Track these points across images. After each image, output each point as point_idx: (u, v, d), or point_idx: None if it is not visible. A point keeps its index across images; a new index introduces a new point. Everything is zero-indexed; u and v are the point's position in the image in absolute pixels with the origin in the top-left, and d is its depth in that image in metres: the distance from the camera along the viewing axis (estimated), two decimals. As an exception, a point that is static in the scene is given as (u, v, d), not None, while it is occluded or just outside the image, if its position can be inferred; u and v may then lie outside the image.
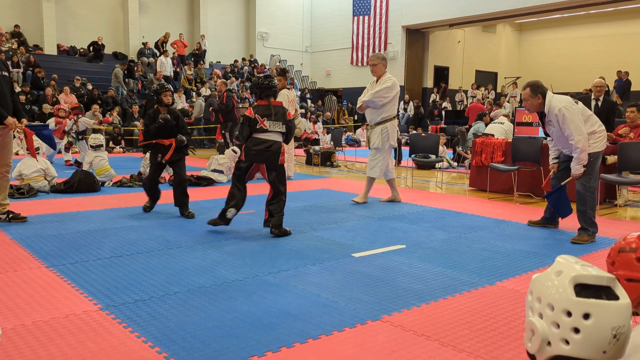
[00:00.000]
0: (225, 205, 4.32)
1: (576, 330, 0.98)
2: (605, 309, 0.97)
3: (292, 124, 4.38)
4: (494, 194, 6.82)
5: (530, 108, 4.32)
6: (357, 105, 5.96)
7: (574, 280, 1.00)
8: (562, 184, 4.41)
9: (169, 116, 4.93)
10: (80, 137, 9.20)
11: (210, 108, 12.02)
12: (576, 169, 4.18)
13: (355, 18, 19.70)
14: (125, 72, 15.68)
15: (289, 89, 8.35)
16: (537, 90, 4.20)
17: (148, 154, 7.28)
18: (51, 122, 9.44)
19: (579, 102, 4.26)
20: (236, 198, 4.29)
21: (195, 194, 6.35)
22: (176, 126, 5.03)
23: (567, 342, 0.99)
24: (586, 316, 0.98)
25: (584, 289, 1.00)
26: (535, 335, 1.03)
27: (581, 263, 1.05)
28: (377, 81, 5.71)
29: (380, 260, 3.61)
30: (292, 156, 8.25)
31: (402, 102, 18.55)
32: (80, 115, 9.51)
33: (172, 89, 5.20)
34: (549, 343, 1.02)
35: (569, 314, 0.99)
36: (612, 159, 5.96)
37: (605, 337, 0.97)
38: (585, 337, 0.97)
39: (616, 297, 1.00)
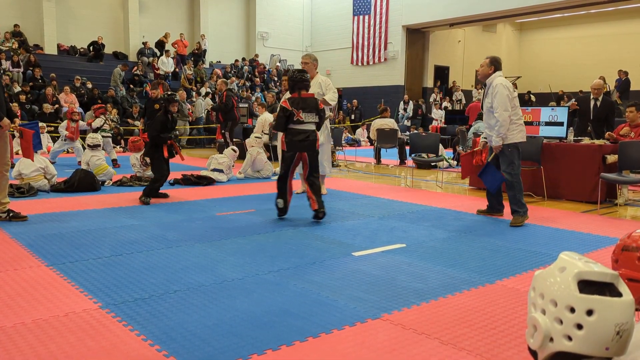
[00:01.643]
0: (276, 197, 4.81)
1: (579, 327, 0.98)
2: (608, 305, 0.97)
3: (324, 113, 4.78)
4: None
5: (481, 74, 4.96)
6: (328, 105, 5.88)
7: (578, 276, 1.00)
8: (487, 160, 4.98)
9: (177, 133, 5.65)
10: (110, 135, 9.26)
11: (210, 107, 12.01)
12: (495, 141, 4.75)
13: (356, 18, 19.69)
14: (124, 73, 15.63)
15: None
16: (494, 63, 4.84)
17: (137, 155, 7.30)
18: (62, 127, 9.39)
19: (516, 91, 4.87)
20: (282, 190, 4.76)
21: (195, 193, 6.36)
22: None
23: (569, 338, 0.98)
24: (589, 312, 0.97)
25: (587, 286, 0.99)
26: (537, 331, 1.03)
27: (584, 260, 1.05)
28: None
29: (380, 259, 3.61)
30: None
31: (401, 102, 18.54)
32: (105, 116, 9.57)
33: (173, 100, 5.86)
34: (551, 339, 1.01)
35: (573, 310, 0.98)
36: (612, 158, 5.95)
37: (608, 333, 0.96)
38: (588, 333, 0.97)
39: (619, 294, 1.00)
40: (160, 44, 17.58)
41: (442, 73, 20.72)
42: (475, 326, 2.48)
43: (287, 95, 5.37)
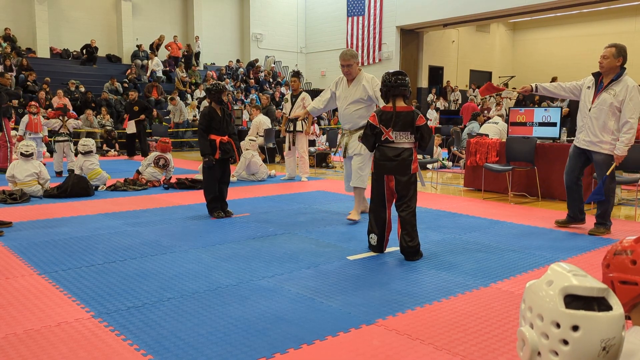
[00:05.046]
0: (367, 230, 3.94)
1: (565, 342, 0.97)
2: (594, 321, 0.96)
3: (426, 130, 3.67)
4: (488, 194, 6.83)
5: (606, 66, 4.23)
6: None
7: (564, 291, 0.99)
8: (608, 173, 4.39)
9: (214, 162, 5.01)
10: (67, 139, 8.82)
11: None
12: (622, 150, 4.24)
13: (350, 19, 19.71)
14: (121, 84, 15.53)
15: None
16: (622, 53, 4.18)
17: (151, 155, 7.29)
18: (23, 121, 9.24)
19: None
20: (371, 222, 3.83)
21: (189, 197, 6.33)
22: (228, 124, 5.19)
23: (556, 354, 0.98)
24: (575, 328, 0.96)
25: (575, 300, 0.99)
26: (525, 346, 1.03)
27: (574, 272, 1.03)
28: (350, 82, 4.94)
29: (375, 262, 3.60)
30: (306, 159, 8.13)
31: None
32: (66, 117, 8.60)
33: (226, 88, 5.21)
34: (539, 353, 1.01)
35: (558, 325, 0.98)
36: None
37: (594, 349, 0.96)
38: (574, 349, 0.96)
39: (609, 308, 0.99)
40: (153, 48, 17.52)
41: (436, 73, 20.77)
42: (469, 331, 2.48)
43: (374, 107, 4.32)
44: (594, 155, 4.46)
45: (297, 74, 8.19)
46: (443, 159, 10.35)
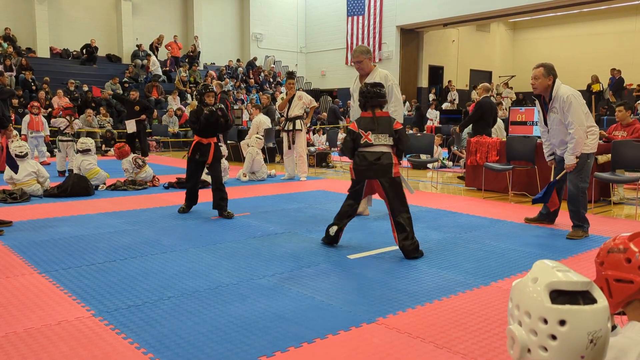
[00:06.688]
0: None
1: (553, 337, 0.99)
2: (579, 314, 0.98)
3: (403, 133, 3.89)
4: (489, 193, 6.83)
5: (538, 87, 4.37)
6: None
7: (549, 287, 1.01)
8: (557, 178, 4.51)
9: (213, 108, 5.08)
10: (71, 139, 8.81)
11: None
12: (570, 159, 4.29)
13: (350, 18, 19.70)
14: (121, 84, 15.49)
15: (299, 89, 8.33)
16: (551, 72, 4.32)
17: (129, 159, 7.25)
18: (25, 121, 9.36)
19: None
20: (339, 214, 4.01)
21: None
22: (222, 124, 5.20)
23: (545, 349, 1.00)
24: (562, 323, 0.98)
25: (560, 295, 1.00)
26: (515, 343, 1.04)
27: (558, 268, 1.05)
28: (362, 78, 5.00)
29: (375, 261, 3.60)
30: (304, 159, 8.12)
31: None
32: (73, 117, 8.77)
33: (215, 90, 5.26)
34: (529, 350, 1.02)
35: (545, 321, 1.00)
36: (605, 157, 5.97)
37: (581, 342, 0.98)
38: (562, 343, 0.98)
39: (593, 301, 1.00)
40: (153, 47, 17.51)
41: (436, 73, 20.76)
42: (470, 329, 2.48)
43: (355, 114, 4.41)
44: None
45: (291, 76, 8.24)
46: (443, 159, 10.34)
